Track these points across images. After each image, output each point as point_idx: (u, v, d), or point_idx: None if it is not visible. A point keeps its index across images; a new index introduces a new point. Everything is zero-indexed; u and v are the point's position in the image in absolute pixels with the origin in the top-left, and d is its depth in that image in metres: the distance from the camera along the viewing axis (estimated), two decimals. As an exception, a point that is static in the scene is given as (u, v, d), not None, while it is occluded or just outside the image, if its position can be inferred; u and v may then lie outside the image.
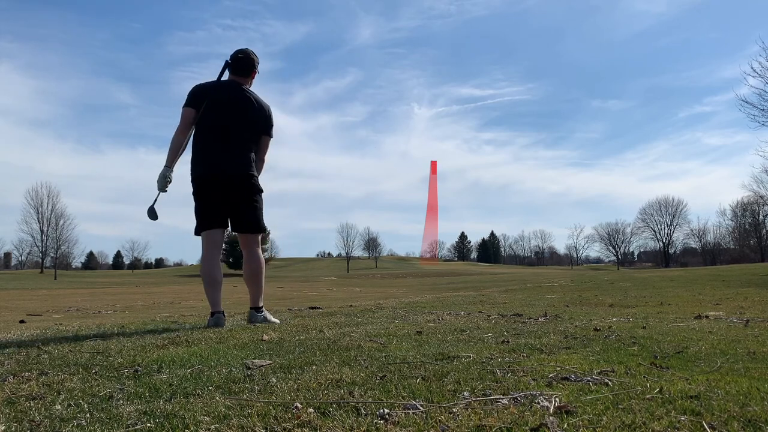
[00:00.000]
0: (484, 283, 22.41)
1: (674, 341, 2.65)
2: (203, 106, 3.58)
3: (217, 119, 3.58)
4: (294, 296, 12.25)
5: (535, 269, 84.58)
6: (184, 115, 3.60)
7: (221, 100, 3.60)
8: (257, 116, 3.69)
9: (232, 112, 3.60)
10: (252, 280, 3.74)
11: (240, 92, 3.67)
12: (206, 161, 3.58)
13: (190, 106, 3.60)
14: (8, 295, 17.61)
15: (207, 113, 3.59)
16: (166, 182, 3.57)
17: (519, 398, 1.53)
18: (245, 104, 3.64)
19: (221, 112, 3.59)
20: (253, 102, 3.68)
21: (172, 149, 3.58)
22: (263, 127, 3.73)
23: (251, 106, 3.67)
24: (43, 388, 1.75)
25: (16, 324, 5.07)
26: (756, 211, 74.10)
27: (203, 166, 3.58)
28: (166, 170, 3.57)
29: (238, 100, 3.63)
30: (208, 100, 3.59)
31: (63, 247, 66.32)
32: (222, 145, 3.57)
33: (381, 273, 68.60)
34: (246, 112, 3.64)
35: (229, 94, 3.63)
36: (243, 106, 3.63)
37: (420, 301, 6.86)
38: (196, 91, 3.63)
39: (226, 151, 3.57)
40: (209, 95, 3.61)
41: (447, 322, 3.66)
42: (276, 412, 1.42)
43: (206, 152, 3.58)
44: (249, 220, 3.67)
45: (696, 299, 6.54)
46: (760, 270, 18.49)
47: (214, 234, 3.63)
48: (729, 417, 1.34)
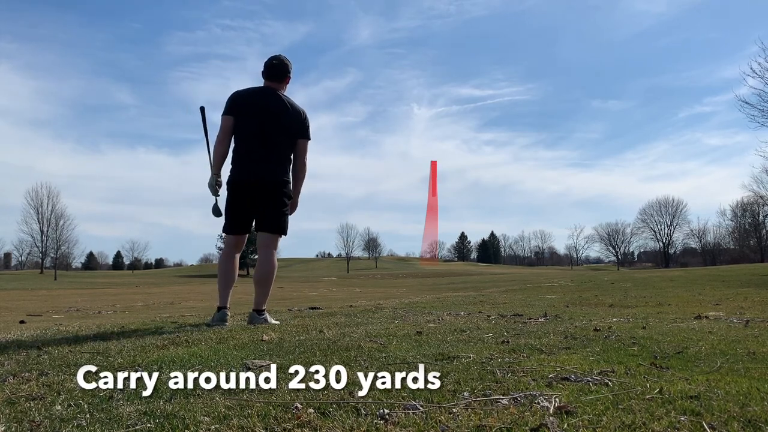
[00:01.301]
0: (484, 283, 22.42)
1: (674, 341, 2.65)
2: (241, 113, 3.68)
3: (254, 126, 3.67)
4: (294, 296, 12.25)
5: (535, 269, 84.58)
6: (222, 123, 3.72)
7: (257, 107, 3.69)
8: (292, 121, 3.74)
9: (267, 118, 3.68)
10: (260, 283, 3.75)
11: (275, 98, 3.74)
12: (243, 167, 3.69)
13: (228, 114, 3.71)
14: (8, 295, 17.61)
15: (244, 120, 3.68)
16: (216, 188, 3.75)
17: (519, 398, 1.53)
18: (281, 109, 3.71)
19: (257, 119, 3.67)
20: (288, 107, 3.75)
21: (214, 157, 3.73)
22: (299, 130, 3.78)
23: (286, 110, 3.73)
24: (43, 388, 1.75)
25: (16, 324, 5.08)
26: (756, 211, 74.10)
27: (240, 172, 3.70)
28: (212, 178, 3.73)
29: (274, 106, 3.71)
30: (245, 107, 3.69)
31: (63, 247, 66.27)
32: (259, 151, 3.66)
33: (381, 273, 68.63)
34: (281, 117, 3.70)
35: (264, 101, 3.71)
36: (278, 111, 3.71)
37: (420, 301, 6.85)
38: (234, 98, 3.74)
39: (263, 158, 3.66)
40: (246, 102, 3.71)
41: (447, 322, 3.66)
42: (276, 413, 1.42)
43: (243, 159, 3.69)
44: (270, 220, 3.73)
45: (696, 299, 6.54)
46: (760, 270, 18.48)
47: (238, 238, 3.80)
48: (729, 417, 1.34)
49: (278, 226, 3.76)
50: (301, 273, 75.88)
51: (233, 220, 3.75)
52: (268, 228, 3.74)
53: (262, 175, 3.66)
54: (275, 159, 3.69)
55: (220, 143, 3.72)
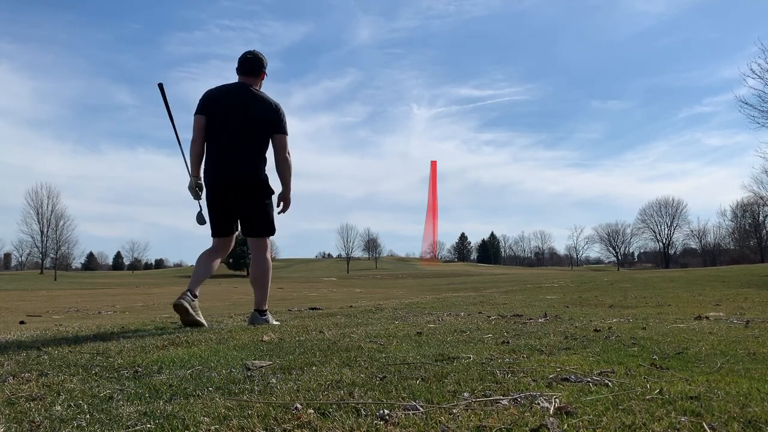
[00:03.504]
0: (484, 283, 22.42)
1: (674, 342, 2.65)
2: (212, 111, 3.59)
3: (225, 124, 3.57)
4: (294, 297, 12.25)
5: (535, 270, 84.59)
6: (194, 123, 3.63)
7: (228, 104, 3.59)
8: (265, 116, 3.61)
9: (238, 114, 3.57)
10: (256, 284, 3.73)
11: (247, 93, 3.63)
12: (215, 168, 3.59)
13: (200, 113, 3.62)
14: (8, 296, 17.61)
15: (215, 118, 3.58)
16: (197, 191, 3.61)
17: (519, 399, 1.53)
18: (252, 105, 3.60)
19: (228, 116, 3.57)
20: (260, 101, 3.63)
21: (190, 159, 3.63)
22: (273, 125, 3.64)
23: (258, 105, 3.62)
24: (43, 389, 1.75)
25: (16, 325, 5.07)
26: (756, 211, 74.11)
27: (211, 173, 3.60)
28: (192, 181, 3.61)
29: (245, 102, 3.60)
30: (216, 105, 3.59)
31: (63, 247, 66.32)
32: (230, 150, 3.56)
33: (381, 274, 68.60)
34: (253, 112, 3.59)
35: (236, 97, 3.61)
36: (249, 107, 3.59)
37: (420, 301, 6.85)
38: (205, 96, 3.64)
39: (235, 156, 3.55)
40: (217, 100, 3.61)
41: (447, 322, 3.66)
42: (276, 413, 1.42)
43: (214, 159, 3.60)
44: (253, 224, 3.66)
45: (696, 300, 6.54)
46: (759, 271, 18.49)
47: (221, 241, 3.73)
48: (729, 418, 1.34)
49: (261, 229, 3.67)
50: (301, 273, 75.88)
51: (213, 223, 3.67)
52: (252, 233, 3.67)
53: (234, 175, 3.54)
54: (248, 157, 3.56)
55: (194, 143, 3.62)
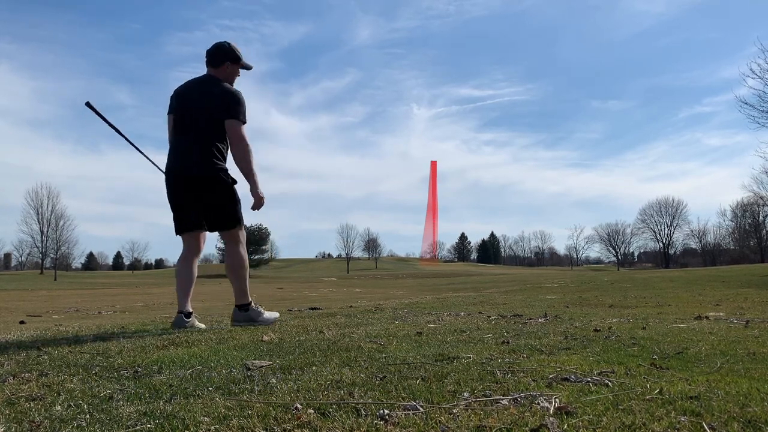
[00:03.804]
0: (484, 283, 22.40)
1: (674, 342, 2.65)
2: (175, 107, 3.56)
3: (182, 117, 3.53)
4: (294, 297, 12.25)
5: (535, 270, 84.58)
6: (168, 123, 3.62)
7: (188, 97, 3.53)
8: (217, 102, 3.45)
9: (191, 105, 3.50)
10: (230, 277, 3.63)
11: (205, 83, 3.54)
12: (168, 162, 3.55)
13: (169, 113, 3.61)
14: (8, 295, 17.60)
15: (175, 114, 3.56)
16: None
17: (519, 399, 1.53)
18: (204, 94, 3.50)
19: (186, 110, 3.52)
20: (212, 89, 3.49)
21: None
22: (224, 110, 3.44)
23: (210, 93, 3.48)
24: (43, 389, 1.75)
25: (16, 325, 5.07)
26: (756, 211, 74.14)
27: (166, 168, 3.56)
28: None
29: (198, 92, 3.52)
30: (177, 101, 3.56)
31: (63, 247, 66.28)
32: (182, 143, 3.51)
33: (381, 274, 68.57)
34: (204, 101, 3.47)
35: (197, 89, 3.54)
36: (202, 96, 3.50)
37: (420, 301, 6.85)
38: (172, 94, 3.62)
39: (187, 149, 3.48)
40: (178, 95, 3.58)
41: (447, 322, 3.66)
42: (276, 413, 1.42)
43: (169, 153, 3.57)
44: (216, 219, 3.56)
45: (696, 300, 6.54)
46: (759, 271, 18.48)
47: (188, 237, 3.63)
48: (729, 418, 1.34)
49: (224, 222, 3.56)
50: (301, 273, 75.90)
51: (177, 221, 3.59)
52: (216, 227, 3.58)
53: (184, 168, 3.46)
54: (198, 149, 3.43)
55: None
